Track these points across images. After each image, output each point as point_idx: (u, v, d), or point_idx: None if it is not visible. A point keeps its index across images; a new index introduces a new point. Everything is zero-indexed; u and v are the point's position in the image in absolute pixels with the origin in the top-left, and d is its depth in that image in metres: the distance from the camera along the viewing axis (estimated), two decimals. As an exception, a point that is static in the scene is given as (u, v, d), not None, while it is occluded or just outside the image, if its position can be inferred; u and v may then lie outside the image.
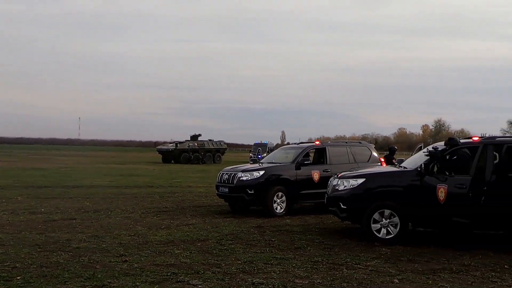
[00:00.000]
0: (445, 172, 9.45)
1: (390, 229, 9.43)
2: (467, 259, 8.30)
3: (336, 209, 9.96)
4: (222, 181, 13.58)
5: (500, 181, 9.12)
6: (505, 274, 7.37)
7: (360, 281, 6.83)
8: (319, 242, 9.45)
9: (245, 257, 8.04)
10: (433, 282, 6.85)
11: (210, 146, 48.71)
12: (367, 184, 9.64)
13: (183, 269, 7.22)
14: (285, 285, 6.52)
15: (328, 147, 14.31)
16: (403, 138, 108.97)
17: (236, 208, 13.77)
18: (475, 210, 9.03)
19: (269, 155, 15.44)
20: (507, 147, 9.44)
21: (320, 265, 7.69)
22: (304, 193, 13.35)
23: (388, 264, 7.87)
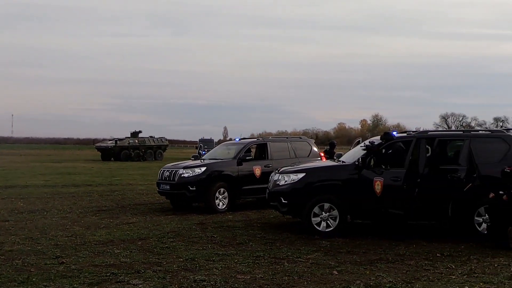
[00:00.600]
0: (382, 166, 9.77)
1: (329, 222, 9.65)
2: (402, 249, 8.62)
3: (277, 204, 10.08)
4: (163, 178, 13.41)
5: (432, 173, 9.53)
6: (437, 262, 7.71)
7: (301, 274, 6.95)
8: (261, 237, 9.53)
9: (187, 255, 7.99)
10: (370, 273, 7.06)
11: (151, 142, 47.93)
12: (307, 179, 9.81)
13: (123, 269, 7.08)
14: (227, 281, 6.53)
15: (269, 143, 14.44)
16: (342, 133, 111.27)
17: (178, 205, 13.63)
18: (409, 201, 9.39)
19: (210, 151, 15.41)
20: (439, 140, 9.89)
21: (262, 259, 7.76)
22: (246, 188, 13.40)
23: (327, 256, 8.06)
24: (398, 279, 6.73)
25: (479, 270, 7.25)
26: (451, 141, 10.44)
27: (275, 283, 6.50)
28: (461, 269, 7.32)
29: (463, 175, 9.42)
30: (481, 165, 9.50)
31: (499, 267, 7.41)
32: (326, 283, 6.55)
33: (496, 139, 9.89)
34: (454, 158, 10.00)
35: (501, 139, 9.84)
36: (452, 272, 7.15)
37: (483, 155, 9.60)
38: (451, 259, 7.96)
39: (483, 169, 9.49)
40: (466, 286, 6.36)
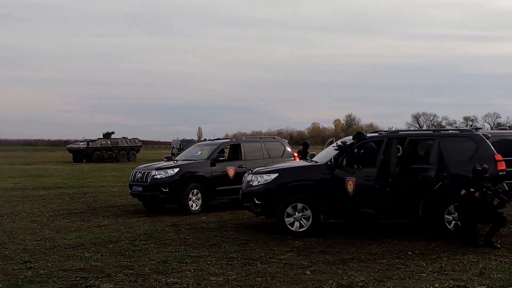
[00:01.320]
0: (354, 166, 9.84)
1: (303, 222, 9.67)
2: (374, 247, 8.70)
3: (250, 205, 10.06)
4: (136, 179, 13.25)
5: (403, 173, 9.63)
6: (408, 261, 7.79)
7: (274, 275, 6.94)
8: (234, 238, 9.49)
9: (159, 257, 7.90)
10: (343, 272, 7.10)
11: (124, 144, 47.46)
12: (280, 179, 9.82)
13: (94, 273, 6.96)
14: (199, 283, 6.48)
15: (242, 143, 14.41)
16: (316, 133, 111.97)
17: (151, 207, 13.50)
18: (381, 201, 9.47)
19: (183, 152, 15.29)
20: (409, 140, 10.01)
21: (235, 261, 7.72)
22: (219, 189, 13.35)
23: (301, 256, 8.07)
24: (370, 278, 6.78)
25: (449, 267, 7.36)
26: (421, 140, 10.60)
27: (248, 285, 6.48)
28: (432, 266, 7.41)
29: (433, 174, 9.55)
30: (451, 164, 9.65)
31: (468, 264, 7.53)
32: (299, 283, 6.55)
33: (465, 138, 10.08)
34: (425, 157, 10.15)
35: (470, 138, 10.03)
36: (423, 270, 7.24)
37: (452, 154, 9.76)
38: (422, 257, 8.06)
39: (452, 168, 9.64)
40: (436, 284, 6.44)
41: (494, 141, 15.60)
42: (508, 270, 7.18)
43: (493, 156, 9.88)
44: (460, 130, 10.80)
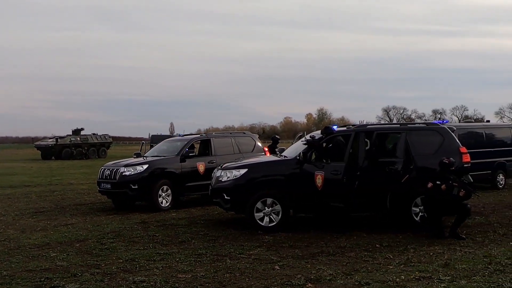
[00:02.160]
0: (323, 160, 9.89)
1: (272, 217, 9.68)
2: (343, 241, 8.77)
3: (220, 200, 10.02)
4: (104, 177, 13.06)
5: (371, 166, 9.73)
6: (376, 253, 7.89)
7: (243, 270, 6.93)
8: (203, 234, 9.44)
9: (127, 255, 7.80)
10: (311, 266, 7.13)
11: (94, 140, 46.67)
12: (249, 174, 9.80)
13: (59, 273, 6.83)
14: (167, 281, 6.42)
15: (212, 139, 14.34)
16: (289, 127, 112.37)
17: (120, 205, 13.31)
18: (350, 194, 9.55)
19: (153, 148, 15.13)
20: (377, 134, 10.11)
21: (204, 257, 7.68)
22: (190, 185, 13.27)
23: (270, 251, 8.08)
24: (338, 271, 6.83)
25: (415, 259, 7.47)
26: (388, 134, 10.71)
27: (216, 281, 6.45)
28: (399, 258, 7.51)
29: (401, 167, 9.68)
30: (418, 157, 9.79)
31: (434, 256, 7.66)
32: (268, 278, 6.55)
33: (431, 131, 10.24)
34: (392, 150, 10.27)
35: (436, 132, 10.19)
36: (390, 262, 7.33)
37: (419, 147, 9.90)
38: (390, 249, 8.16)
39: (419, 161, 9.78)
40: (402, 276, 6.52)
41: (462, 133, 16.02)
42: (472, 260, 7.33)
43: (458, 148, 10.07)
44: (426, 124, 10.96)
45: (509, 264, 7.05)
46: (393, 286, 6.15)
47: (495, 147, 16.89)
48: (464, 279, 6.40)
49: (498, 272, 6.70)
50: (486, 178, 16.66)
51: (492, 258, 7.42)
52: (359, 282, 6.33)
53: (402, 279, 6.41)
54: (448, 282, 6.25)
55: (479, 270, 6.78)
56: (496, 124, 19.96)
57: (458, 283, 6.21)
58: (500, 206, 12.68)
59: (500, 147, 17.07)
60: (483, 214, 11.49)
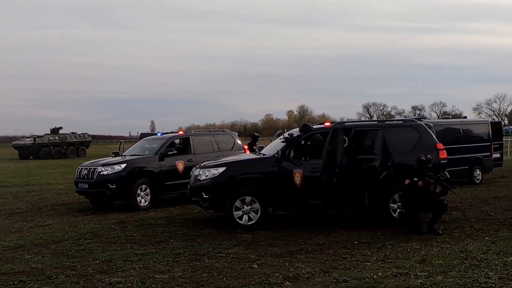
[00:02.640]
0: (301, 157, 9.88)
1: (251, 215, 9.65)
2: (322, 238, 8.78)
3: (198, 199, 9.96)
4: (81, 176, 12.88)
5: (349, 163, 9.75)
6: (354, 250, 7.91)
7: (221, 270, 6.89)
8: (182, 233, 9.37)
9: (104, 256, 7.70)
10: (289, 264, 7.12)
11: (73, 139, 46.09)
12: (228, 173, 9.75)
13: (33, 276, 6.70)
14: (144, 282, 6.35)
15: (191, 137, 14.25)
16: (270, 124, 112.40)
17: (98, 204, 13.15)
18: (328, 191, 9.56)
19: (131, 147, 14.96)
20: (355, 131, 10.14)
21: (182, 257, 7.62)
22: (169, 184, 13.16)
23: (249, 250, 8.05)
24: (316, 269, 6.83)
25: (393, 255, 7.51)
26: (366, 131, 10.74)
27: (194, 281, 6.40)
28: (377, 255, 7.55)
29: (378, 164, 9.73)
30: (395, 153, 9.85)
31: (412, 252, 7.71)
32: (246, 277, 6.53)
33: (408, 128, 10.31)
34: (370, 147, 10.31)
35: (413, 128, 10.27)
36: (368, 259, 7.36)
37: (396, 144, 9.96)
38: (368, 246, 8.20)
39: (397, 158, 9.84)
40: (380, 273, 6.55)
41: (439, 129, 16.19)
42: (448, 256, 7.40)
43: (435, 145, 10.15)
44: (404, 120, 11.04)
45: (485, 259, 7.13)
46: (371, 283, 6.16)
47: (472, 142, 17.12)
48: (440, 274, 6.45)
49: (474, 267, 6.77)
50: (464, 174, 16.88)
51: (468, 253, 7.50)
52: (337, 279, 6.34)
53: (380, 275, 6.43)
54: (425, 278, 6.29)
55: (455, 266, 6.84)
56: (473, 120, 20.22)
57: (435, 279, 6.26)
58: (476, 201, 12.84)
59: (477, 142, 17.30)
60: (460, 209, 11.63)
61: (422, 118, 16.72)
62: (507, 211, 11.25)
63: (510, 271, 6.51)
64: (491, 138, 17.65)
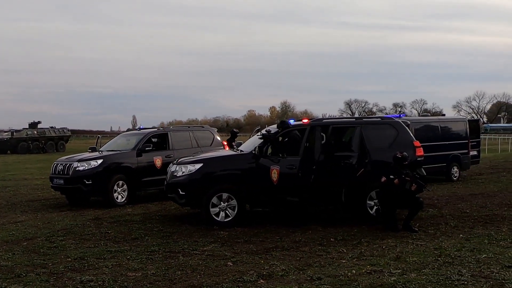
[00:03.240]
0: (279, 154, 9.84)
1: (228, 212, 9.59)
2: (298, 235, 8.75)
3: (175, 196, 9.86)
4: (57, 172, 12.68)
5: (327, 160, 9.73)
6: (330, 247, 7.89)
7: (195, 267, 6.81)
8: (158, 230, 9.27)
9: (76, 254, 7.57)
10: (264, 262, 7.08)
11: (52, 133, 45.47)
12: (205, 169, 9.67)
13: (2, 274, 6.56)
14: (116, 280, 6.24)
15: (170, 133, 14.13)
16: (252, 120, 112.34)
17: (74, 200, 12.96)
18: (305, 188, 9.53)
19: (109, 142, 14.76)
20: (333, 128, 10.12)
21: (156, 254, 7.53)
22: (146, 180, 13.04)
23: (224, 247, 7.98)
24: (291, 266, 6.80)
25: (368, 252, 7.52)
26: (344, 128, 10.72)
27: (167, 279, 6.32)
28: (352, 252, 7.54)
29: (356, 161, 9.73)
30: (372, 150, 9.86)
31: (387, 249, 7.73)
32: (220, 275, 6.46)
33: (386, 125, 10.33)
34: (348, 144, 10.31)
35: (390, 125, 10.29)
36: (343, 256, 7.35)
37: (374, 141, 9.97)
38: (344, 243, 8.19)
39: (374, 155, 9.85)
40: (354, 270, 6.54)
41: (419, 127, 16.31)
42: (423, 253, 7.43)
43: (412, 142, 10.19)
44: (381, 118, 11.06)
45: (458, 256, 7.17)
46: (344, 280, 6.15)
47: (450, 140, 17.27)
48: (414, 272, 6.46)
49: (447, 264, 6.80)
50: (441, 171, 17.03)
51: (442, 250, 7.54)
52: (311, 277, 6.31)
53: (353, 273, 6.42)
54: (398, 276, 6.30)
55: (429, 263, 6.87)
56: (451, 118, 20.43)
57: (408, 276, 6.27)
58: (453, 198, 12.95)
59: (454, 140, 17.47)
60: (437, 206, 11.71)
61: (401, 116, 16.85)
62: (482, 208, 11.37)
63: (483, 268, 6.55)
64: (468, 135, 17.83)
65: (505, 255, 7.21)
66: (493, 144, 40.27)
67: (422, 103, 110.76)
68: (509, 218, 10.10)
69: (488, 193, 13.88)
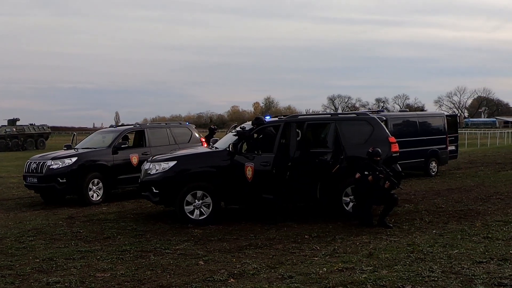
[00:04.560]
0: (254, 151, 9.75)
1: (203, 209, 9.49)
2: (273, 233, 8.69)
3: (148, 194, 9.73)
4: (30, 170, 12.46)
5: (302, 156, 9.67)
6: (304, 244, 7.85)
7: (166, 267, 6.71)
8: (131, 229, 9.14)
9: (45, 254, 7.41)
10: (237, 260, 7.00)
11: (31, 130, 44.87)
12: (179, 167, 9.55)
13: (-34, 276, 6.38)
14: (83, 281, 6.12)
15: (147, 130, 13.97)
16: (236, 116, 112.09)
17: (49, 199, 12.74)
18: (280, 185, 9.46)
19: (84, 140, 14.55)
20: (308, 124, 10.06)
21: (127, 254, 7.41)
22: (122, 178, 12.87)
23: (197, 245, 7.89)
24: (263, 264, 6.73)
25: (341, 249, 7.49)
26: (319, 124, 10.66)
27: (136, 279, 6.21)
28: (325, 249, 7.50)
29: (331, 158, 9.68)
30: (348, 147, 9.83)
31: (360, 246, 7.70)
32: (190, 274, 6.37)
33: (361, 121, 10.30)
34: (323, 141, 10.26)
35: (366, 122, 10.27)
36: (316, 253, 7.30)
37: (349, 137, 9.94)
38: (318, 240, 8.16)
39: (349, 151, 9.82)
40: (325, 268, 6.49)
41: (397, 122, 16.37)
42: (396, 249, 7.41)
43: (387, 138, 10.18)
44: (357, 114, 11.03)
45: (430, 252, 7.17)
46: (315, 278, 6.10)
47: (428, 135, 17.36)
48: (385, 268, 6.44)
49: (419, 260, 6.79)
50: (420, 166, 17.13)
51: (415, 246, 7.54)
52: (282, 275, 6.25)
53: (325, 271, 6.38)
54: (370, 273, 6.27)
55: (401, 259, 6.85)
56: (429, 113, 20.54)
57: (379, 273, 6.24)
58: (430, 194, 13.01)
59: (433, 135, 17.57)
60: (413, 201, 11.74)
61: (380, 111, 16.88)
62: (458, 203, 11.43)
63: (454, 264, 6.56)
64: (446, 131, 17.95)
65: (476, 250, 7.24)
66: (473, 139, 40.65)
67: (405, 98, 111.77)
68: (483, 212, 10.17)
69: (464, 188, 13.98)
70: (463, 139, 34.72)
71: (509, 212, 10.14)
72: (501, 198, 11.88)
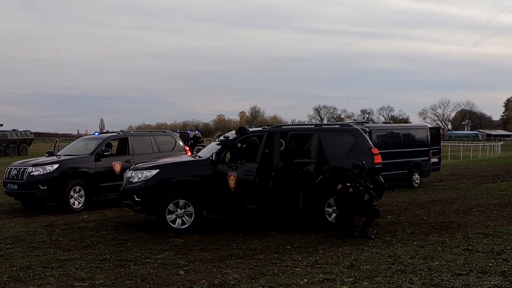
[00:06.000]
0: (237, 161, 9.74)
1: (185, 218, 9.43)
2: (255, 243, 8.65)
3: (130, 202, 9.66)
4: (10, 177, 12.29)
5: (285, 167, 9.67)
6: (285, 255, 7.82)
7: (145, 276, 6.64)
8: (112, 237, 9.03)
9: (23, 263, 7.29)
10: (217, 270, 6.95)
11: (13, 136, 44.24)
12: (161, 175, 9.49)
13: None
14: (60, 291, 6.03)
15: (130, 137, 13.86)
16: (222, 124, 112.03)
17: (30, 206, 12.56)
18: (263, 195, 9.44)
19: (66, 147, 14.40)
20: (291, 134, 10.08)
21: (107, 263, 7.31)
22: (104, 185, 12.74)
23: (178, 255, 7.82)
24: (244, 275, 6.69)
25: (322, 260, 7.47)
26: (303, 135, 10.66)
27: (114, 289, 6.13)
28: (307, 260, 7.48)
29: (314, 168, 9.70)
30: (331, 157, 9.86)
31: (342, 256, 7.70)
32: (170, 284, 6.31)
33: (345, 132, 10.35)
34: (306, 151, 10.28)
35: (349, 133, 10.32)
36: (298, 264, 7.28)
37: (333, 148, 9.97)
38: (300, 250, 8.13)
39: (333, 162, 9.85)
40: (306, 279, 6.47)
41: (381, 134, 16.49)
42: (377, 260, 7.42)
43: (370, 149, 10.23)
44: (340, 125, 11.09)
45: (411, 264, 7.19)
46: (296, 289, 6.08)
47: (411, 147, 17.49)
48: (366, 280, 6.44)
49: (400, 272, 6.80)
50: (403, 177, 17.23)
51: (396, 258, 7.55)
52: (263, 286, 6.22)
53: (305, 282, 6.36)
54: (351, 284, 6.27)
55: (382, 271, 6.85)
56: (413, 125, 20.77)
57: (360, 285, 6.24)
58: (412, 205, 13.08)
59: (416, 147, 17.69)
60: (395, 213, 11.78)
61: (365, 123, 17.00)
62: (439, 214, 11.50)
63: (434, 276, 6.58)
64: (429, 143, 18.11)
65: (456, 262, 7.27)
66: (456, 151, 41.08)
67: (389, 109, 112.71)
68: (464, 225, 10.24)
69: (446, 200, 14.08)
70: (446, 152, 35.07)
71: (489, 224, 10.22)
72: (482, 211, 11.98)
